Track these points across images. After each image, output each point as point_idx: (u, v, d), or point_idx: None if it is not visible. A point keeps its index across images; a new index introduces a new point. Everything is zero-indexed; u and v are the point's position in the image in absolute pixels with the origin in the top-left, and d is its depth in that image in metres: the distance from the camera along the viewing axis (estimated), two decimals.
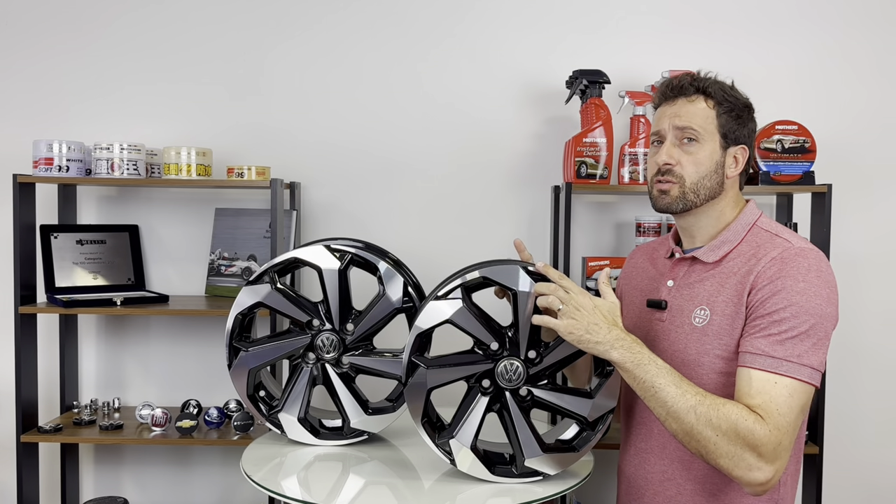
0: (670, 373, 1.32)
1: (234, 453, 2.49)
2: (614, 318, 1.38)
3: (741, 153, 1.44)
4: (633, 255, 1.69)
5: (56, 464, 2.47)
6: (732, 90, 1.45)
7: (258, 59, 2.46)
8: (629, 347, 1.34)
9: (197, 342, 2.49)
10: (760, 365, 1.28)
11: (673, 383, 1.30)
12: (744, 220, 1.45)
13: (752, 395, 1.28)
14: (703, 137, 1.41)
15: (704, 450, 1.28)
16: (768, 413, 1.25)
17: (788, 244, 1.36)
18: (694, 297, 1.43)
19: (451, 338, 1.61)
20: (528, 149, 2.45)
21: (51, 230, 2.34)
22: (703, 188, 1.42)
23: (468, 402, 1.53)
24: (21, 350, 2.21)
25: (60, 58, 2.47)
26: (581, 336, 1.35)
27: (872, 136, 2.41)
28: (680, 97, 1.43)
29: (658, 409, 1.32)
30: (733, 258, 1.41)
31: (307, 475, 1.60)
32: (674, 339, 1.44)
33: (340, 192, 2.47)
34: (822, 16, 2.40)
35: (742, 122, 1.44)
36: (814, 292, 1.29)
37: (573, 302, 1.37)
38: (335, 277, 1.69)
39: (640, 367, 1.32)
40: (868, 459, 2.46)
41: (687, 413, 1.28)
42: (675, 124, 1.42)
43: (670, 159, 1.42)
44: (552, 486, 1.51)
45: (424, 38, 2.44)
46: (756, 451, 1.24)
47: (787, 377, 1.27)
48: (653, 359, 1.33)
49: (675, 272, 1.50)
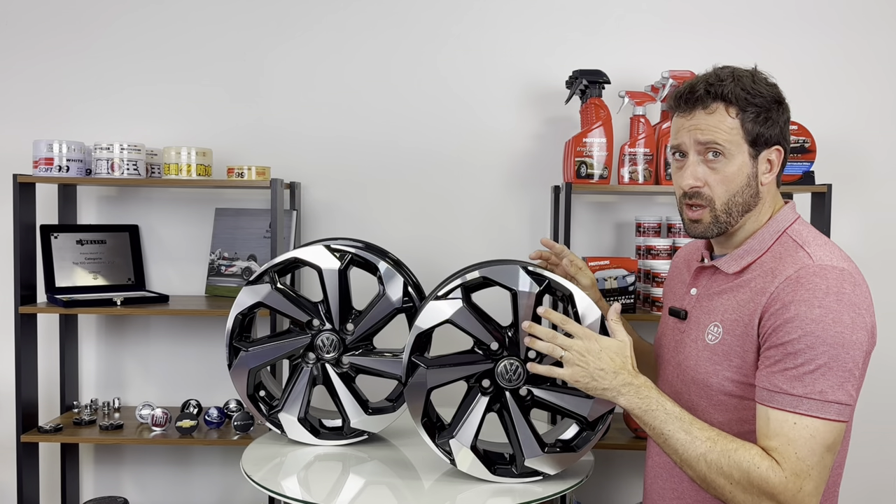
0: (679, 418, 1.23)
1: (234, 453, 2.49)
2: (623, 359, 1.31)
3: (776, 154, 1.30)
4: (678, 255, 1.58)
5: (56, 464, 2.47)
6: (756, 84, 1.28)
7: (258, 60, 2.46)
8: (636, 392, 1.27)
9: (197, 342, 2.49)
10: (778, 404, 1.17)
11: (682, 430, 1.22)
12: (773, 226, 1.31)
13: (769, 437, 1.17)
14: (730, 151, 1.26)
15: (722, 496, 1.20)
16: (785, 458, 1.15)
17: (809, 261, 1.21)
18: (711, 310, 1.33)
19: (451, 338, 1.61)
20: (528, 149, 2.45)
21: (51, 230, 2.34)
22: (736, 206, 1.29)
23: (468, 402, 1.53)
24: (21, 350, 2.21)
25: (61, 58, 2.47)
26: (588, 384, 1.30)
27: (872, 136, 2.41)
28: (697, 108, 1.28)
29: (672, 456, 1.25)
30: (754, 270, 1.28)
31: (307, 475, 1.60)
32: (688, 354, 1.36)
33: (340, 192, 2.47)
34: (822, 16, 2.40)
35: (772, 121, 1.28)
36: (832, 319, 1.16)
37: (577, 348, 1.31)
38: (335, 277, 1.69)
39: (648, 413, 1.25)
40: (868, 459, 2.46)
41: (697, 461, 1.20)
42: (696, 139, 1.28)
43: (696, 181, 1.28)
44: (552, 486, 1.51)
45: (425, 39, 2.44)
46: (774, 500, 1.15)
47: (808, 416, 1.15)
48: (661, 403, 1.25)
49: (698, 280, 1.40)
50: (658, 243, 2.24)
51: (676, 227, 2.29)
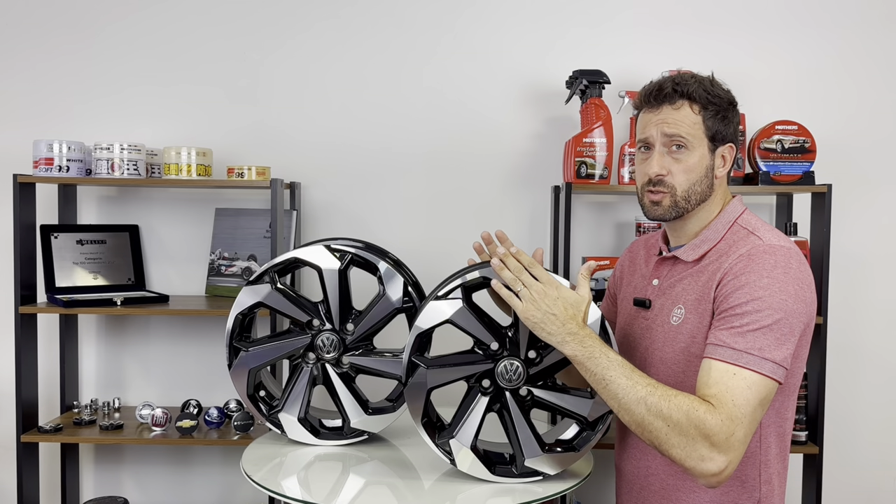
0: (621, 365, 1.32)
1: (234, 453, 2.49)
2: (576, 311, 1.38)
3: (728, 151, 1.45)
4: (634, 247, 1.70)
5: (56, 464, 2.47)
6: (714, 87, 1.43)
7: (258, 60, 2.46)
8: (581, 341, 1.35)
9: (197, 342, 2.49)
10: (720, 356, 1.28)
11: (624, 375, 1.30)
12: (725, 217, 1.45)
13: (709, 385, 1.27)
14: (692, 144, 1.41)
15: (657, 440, 1.27)
16: (722, 403, 1.24)
17: (759, 241, 1.36)
18: (673, 296, 1.45)
19: (451, 338, 1.61)
20: (528, 149, 2.45)
21: (51, 230, 2.34)
22: (694, 194, 1.43)
23: (468, 402, 1.53)
24: (21, 350, 2.21)
25: (61, 58, 2.47)
26: (536, 323, 1.37)
27: (872, 136, 2.41)
28: (664, 104, 1.42)
29: (611, 402, 1.33)
30: (711, 256, 1.41)
31: (307, 475, 1.60)
32: (654, 338, 1.46)
33: (340, 192, 2.47)
34: (822, 16, 2.40)
35: (728, 121, 1.43)
36: (778, 287, 1.29)
37: (536, 288, 1.38)
38: (335, 277, 1.69)
39: (590, 360, 1.33)
40: (868, 459, 2.46)
41: (637, 404, 1.28)
42: (663, 132, 1.42)
43: (661, 170, 1.42)
44: (552, 486, 1.51)
45: (424, 39, 2.44)
46: (708, 440, 1.23)
47: (746, 369, 1.26)
48: (605, 352, 1.33)
49: (659, 271, 1.52)
50: None
51: None
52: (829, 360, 2.34)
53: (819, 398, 2.16)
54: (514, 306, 1.40)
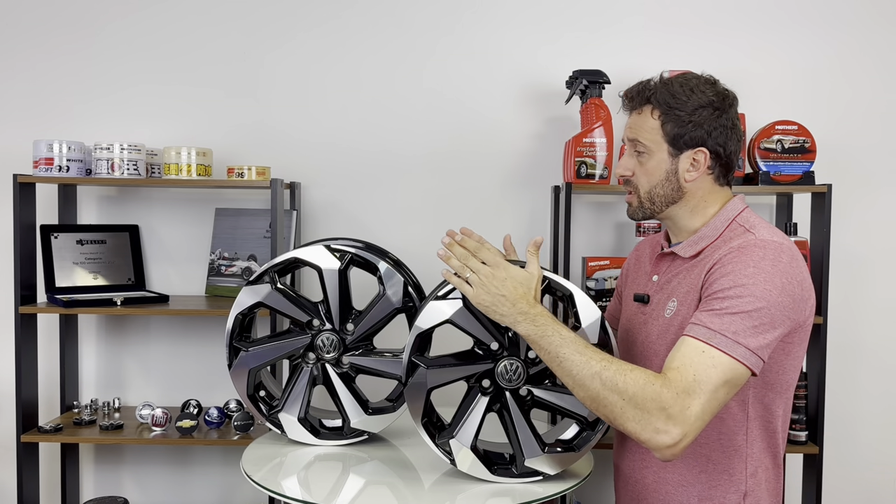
0: (574, 341, 1.32)
1: (234, 453, 2.49)
2: (527, 289, 1.39)
3: (700, 155, 1.42)
4: (640, 245, 1.71)
5: (56, 464, 2.47)
6: (685, 91, 1.41)
7: (259, 60, 2.46)
8: (533, 320, 1.35)
9: (197, 342, 2.49)
10: (694, 333, 1.28)
11: (577, 351, 1.30)
12: (724, 215, 1.45)
13: (674, 359, 1.27)
14: (650, 149, 1.43)
15: (612, 415, 1.27)
16: (683, 375, 1.24)
17: (752, 236, 1.36)
18: (670, 290, 1.46)
19: (451, 338, 1.61)
20: (528, 149, 2.45)
21: (51, 230, 2.34)
22: (657, 196, 1.45)
23: (468, 402, 1.53)
24: (21, 350, 2.21)
25: (61, 58, 2.47)
26: (488, 307, 1.39)
27: (872, 136, 2.41)
28: (632, 108, 1.47)
29: (565, 379, 1.32)
30: (708, 253, 1.42)
31: (307, 475, 1.60)
32: (648, 331, 1.48)
33: (340, 192, 2.47)
34: (822, 16, 2.40)
35: (696, 125, 1.40)
36: (764, 278, 1.29)
37: (484, 272, 1.40)
38: (335, 277, 1.69)
39: (544, 338, 1.33)
40: (868, 459, 2.46)
41: (592, 379, 1.28)
42: (627, 135, 1.47)
43: (626, 171, 1.47)
44: (552, 486, 1.51)
45: (424, 39, 2.44)
46: (663, 413, 1.22)
47: (715, 349, 1.25)
48: (557, 329, 1.34)
49: (659, 267, 1.53)
50: None
51: None
52: (829, 360, 2.34)
53: (819, 398, 2.16)
54: (465, 293, 1.41)
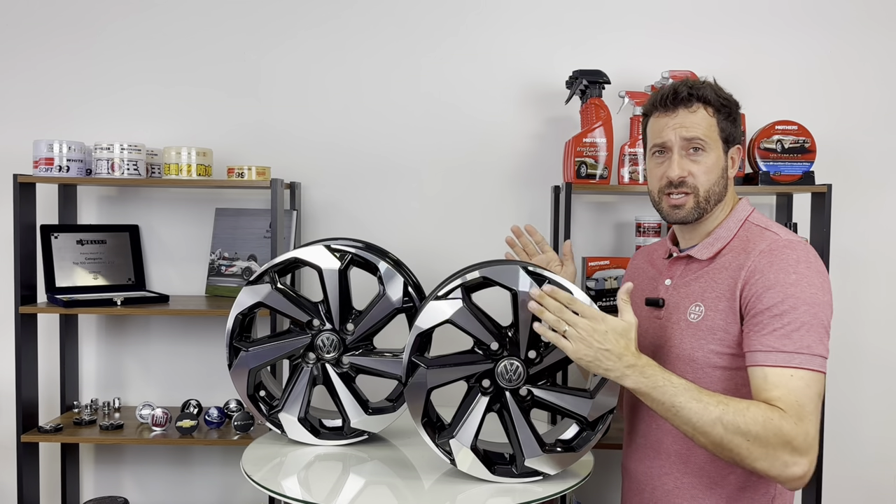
0: (687, 389, 1.30)
1: (234, 453, 2.49)
2: (628, 340, 1.35)
3: (737, 153, 1.49)
4: (635, 257, 1.73)
5: (56, 464, 2.47)
6: (722, 91, 1.48)
7: (259, 60, 2.46)
8: (641, 371, 1.32)
9: (197, 342, 2.49)
10: (773, 361, 1.29)
11: (693, 399, 1.28)
12: (736, 216, 1.48)
13: (769, 390, 1.28)
14: (710, 146, 1.44)
15: (738, 457, 1.27)
16: (789, 405, 1.26)
17: (776, 237, 1.39)
18: (689, 294, 1.46)
19: (451, 338, 1.61)
20: (528, 149, 2.45)
21: (51, 230, 2.34)
22: (714, 194, 1.45)
23: (468, 402, 1.53)
24: (21, 350, 2.21)
25: (61, 58, 2.47)
26: (591, 363, 1.34)
27: (872, 136, 2.41)
28: (680, 107, 1.45)
29: (684, 427, 1.31)
30: (725, 254, 1.44)
31: (307, 475, 1.60)
32: (669, 336, 1.47)
33: (340, 192, 2.47)
34: (822, 16, 2.40)
35: (736, 123, 1.48)
36: (807, 282, 1.32)
37: (582, 325, 1.35)
38: (335, 277, 1.69)
39: (655, 389, 1.31)
40: (868, 459, 2.46)
41: (713, 426, 1.27)
42: (682, 135, 1.44)
43: (683, 172, 1.44)
44: (552, 486, 1.51)
45: (424, 39, 2.44)
46: (790, 446, 1.24)
47: (801, 369, 1.28)
48: (667, 378, 1.32)
49: (672, 271, 1.53)
50: None
51: None
52: (829, 360, 2.33)
53: None
54: (564, 348, 1.36)
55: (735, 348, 1.38)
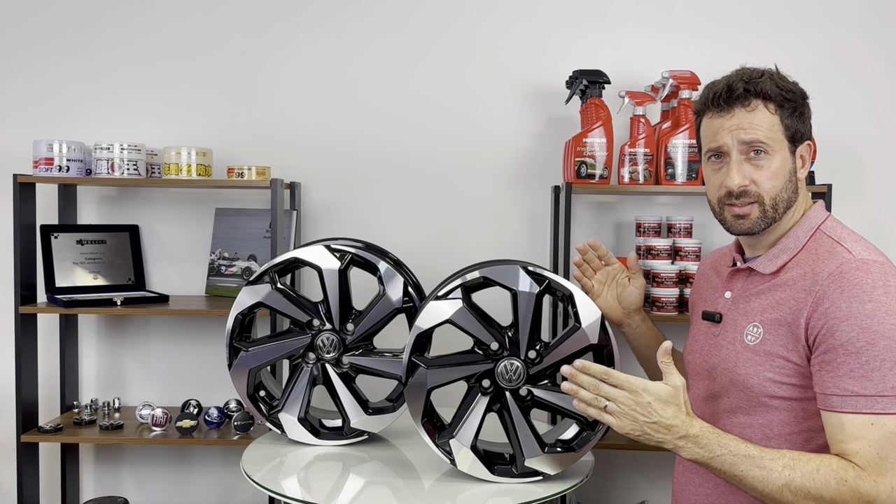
0: (747, 456, 1.18)
1: (234, 453, 2.49)
2: (677, 406, 1.22)
3: (807, 150, 1.32)
4: (703, 262, 1.58)
5: (56, 464, 2.47)
6: (786, 82, 1.30)
7: (259, 60, 2.46)
8: (696, 442, 1.20)
9: (197, 342, 2.49)
10: (852, 407, 1.16)
11: (755, 466, 1.17)
12: (806, 224, 1.31)
13: (846, 441, 1.16)
14: (773, 148, 1.28)
15: None
16: (868, 461, 1.13)
17: (849, 256, 1.22)
18: (748, 311, 1.32)
19: (451, 338, 1.61)
20: (528, 149, 2.45)
21: (51, 230, 2.34)
22: (782, 201, 1.30)
23: (468, 402, 1.53)
24: (21, 350, 2.21)
25: (61, 58, 2.47)
26: (640, 437, 1.23)
27: (872, 136, 2.41)
28: (736, 106, 1.28)
29: (752, 493, 1.20)
30: (791, 268, 1.28)
31: (307, 475, 1.60)
32: (724, 356, 1.34)
33: (340, 192, 2.47)
34: (822, 17, 2.40)
35: (804, 117, 1.30)
36: (885, 312, 1.16)
37: (622, 399, 1.22)
38: (335, 277, 1.69)
39: (714, 460, 1.20)
40: None
41: (781, 493, 1.16)
42: (740, 139, 1.28)
43: (744, 180, 1.28)
44: (552, 486, 1.51)
45: (425, 40, 2.44)
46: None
47: (883, 414, 1.14)
48: (724, 446, 1.19)
49: (733, 283, 1.39)
50: (658, 243, 2.24)
51: (676, 228, 2.29)
52: None
53: None
54: (608, 423, 1.25)
55: (796, 378, 1.24)
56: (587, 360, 1.54)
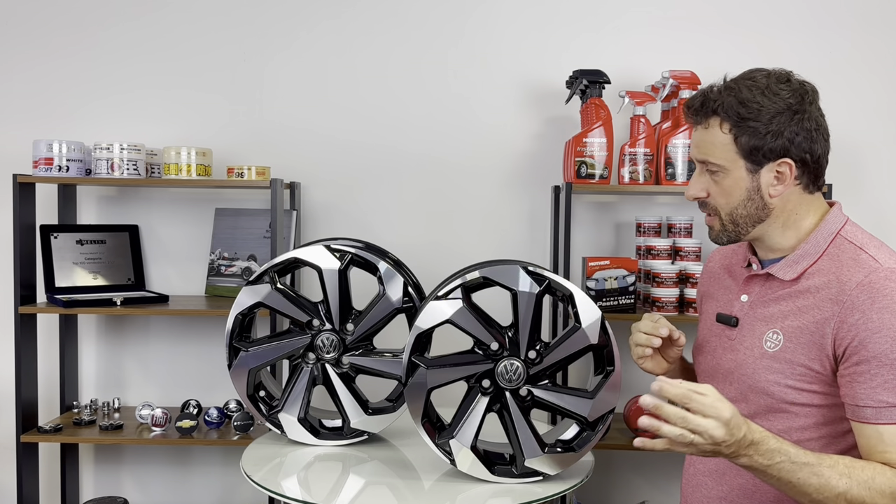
0: (805, 464, 1.15)
1: (234, 453, 2.49)
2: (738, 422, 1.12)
3: (784, 167, 1.26)
4: (711, 258, 1.54)
5: (56, 464, 2.47)
6: (756, 97, 1.25)
7: (259, 60, 2.46)
8: (756, 449, 1.14)
9: (197, 342, 2.49)
10: (889, 419, 1.16)
11: (813, 474, 1.15)
12: (826, 228, 1.29)
13: (889, 451, 1.16)
14: (724, 168, 1.26)
15: None
16: None
17: (876, 265, 1.21)
18: (768, 317, 1.30)
19: (451, 338, 1.61)
20: (528, 149, 2.45)
21: (51, 230, 2.34)
22: (741, 217, 1.29)
23: (468, 402, 1.53)
24: (21, 350, 2.21)
25: (61, 59, 2.46)
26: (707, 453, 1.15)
27: (872, 136, 2.41)
28: (697, 123, 1.29)
29: (802, 499, 1.18)
30: (813, 275, 1.26)
31: (307, 475, 1.60)
32: (741, 362, 1.32)
33: (340, 192, 2.47)
34: (823, 17, 2.40)
35: (775, 134, 1.25)
36: None
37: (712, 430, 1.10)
38: (335, 277, 1.69)
39: (771, 468, 1.15)
40: None
41: (837, 500, 1.15)
42: (693, 156, 1.31)
43: (699, 192, 1.31)
44: (552, 486, 1.51)
45: (425, 40, 2.44)
46: None
47: None
48: (783, 452, 1.15)
49: (750, 287, 1.36)
50: (658, 243, 2.24)
51: (677, 228, 2.29)
52: None
53: None
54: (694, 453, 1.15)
55: (818, 385, 1.24)
56: (587, 359, 1.53)
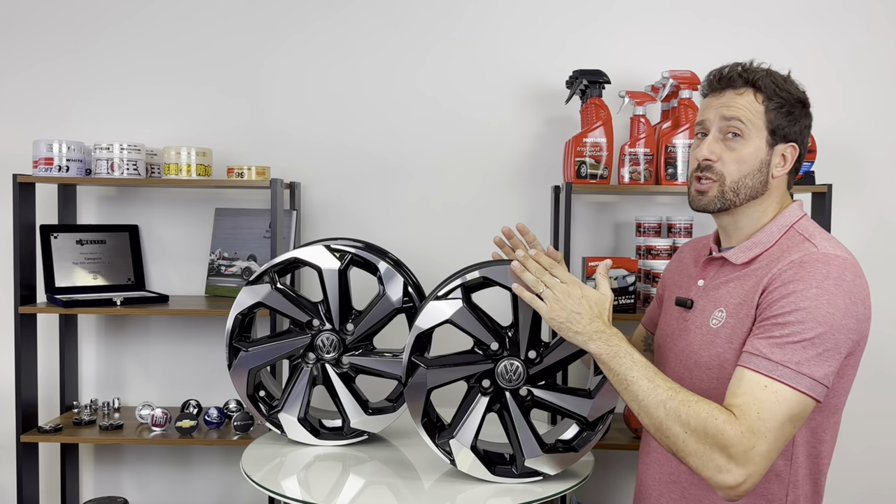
0: (645, 367, 1.27)
1: (234, 453, 2.49)
2: (601, 310, 1.35)
3: (790, 151, 1.35)
4: (683, 248, 1.63)
5: (56, 464, 2.47)
6: (786, 83, 1.35)
7: (258, 60, 2.46)
8: (607, 340, 1.31)
9: (197, 342, 2.49)
10: (754, 366, 1.21)
11: (646, 377, 1.26)
12: (781, 221, 1.36)
13: (736, 395, 1.21)
14: (749, 133, 1.33)
15: (674, 446, 1.22)
16: (746, 414, 1.18)
17: (813, 248, 1.27)
18: (717, 298, 1.37)
19: (451, 338, 1.61)
20: (528, 149, 2.45)
21: (51, 230, 2.34)
22: (745, 187, 1.34)
23: (468, 402, 1.53)
24: (21, 350, 2.21)
25: (61, 58, 2.46)
26: (562, 323, 1.34)
27: (873, 136, 2.41)
28: (728, 89, 1.35)
29: (631, 404, 1.28)
30: (761, 260, 1.33)
31: (307, 475, 1.60)
32: (691, 340, 1.40)
33: (340, 192, 2.47)
34: (822, 16, 2.40)
35: (794, 119, 1.34)
36: (827, 300, 1.21)
37: (559, 288, 1.35)
38: (335, 277, 1.69)
39: (615, 359, 1.29)
40: (868, 459, 2.46)
41: (656, 408, 1.23)
42: (721, 114, 1.34)
43: (711, 155, 1.35)
44: (552, 486, 1.51)
45: (424, 38, 2.44)
46: (725, 451, 1.17)
47: (779, 382, 1.18)
48: (629, 352, 1.29)
49: (706, 272, 1.44)
50: (658, 243, 2.24)
51: (677, 228, 2.29)
52: None
53: None
54: (538, 308, 1.36)
55: None
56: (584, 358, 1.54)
